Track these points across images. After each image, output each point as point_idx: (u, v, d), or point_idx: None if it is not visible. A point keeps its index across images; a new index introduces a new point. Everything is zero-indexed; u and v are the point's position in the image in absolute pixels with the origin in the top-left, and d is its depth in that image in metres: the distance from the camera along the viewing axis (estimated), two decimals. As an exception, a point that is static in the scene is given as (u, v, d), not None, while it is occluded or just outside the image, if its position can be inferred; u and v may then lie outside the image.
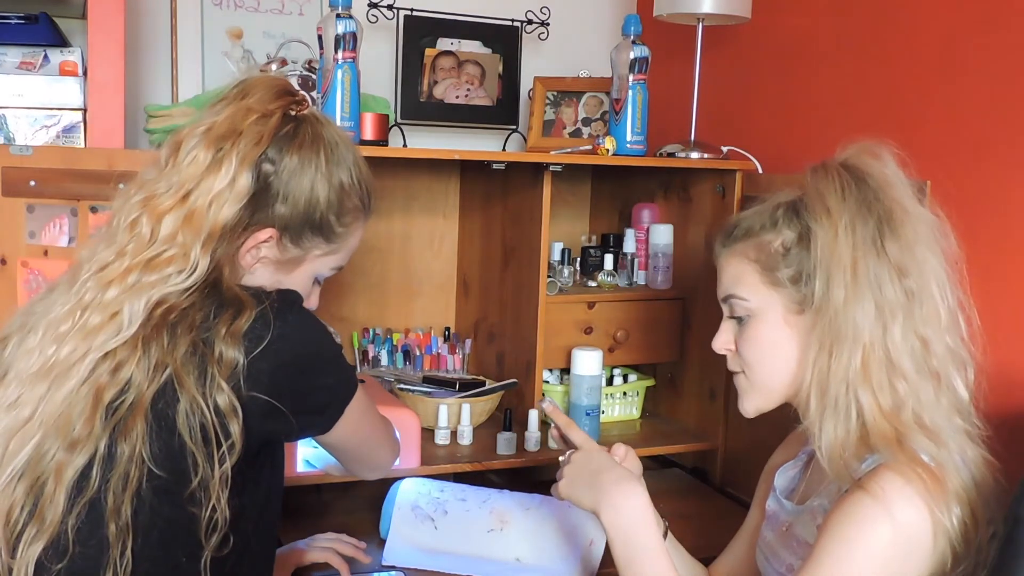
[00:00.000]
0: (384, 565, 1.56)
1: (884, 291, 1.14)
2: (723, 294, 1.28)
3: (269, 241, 1.21)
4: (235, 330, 1.09)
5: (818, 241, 1.16)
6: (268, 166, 1.19)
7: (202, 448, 1.07)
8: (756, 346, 1.24)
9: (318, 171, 1.21)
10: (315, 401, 1.20)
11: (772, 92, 2.04)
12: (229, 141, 1.15)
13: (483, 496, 1.68)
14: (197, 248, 1.13)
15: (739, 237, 1.26)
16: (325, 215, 1.23)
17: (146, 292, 1.11)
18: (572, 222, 2.37)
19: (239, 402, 1.09)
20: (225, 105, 1.19)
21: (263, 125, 1.17)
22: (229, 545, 1.10)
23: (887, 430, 1.12)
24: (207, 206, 1.14)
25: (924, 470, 1.08)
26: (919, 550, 1.08)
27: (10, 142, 1.63)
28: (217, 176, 1.14)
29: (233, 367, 1.08)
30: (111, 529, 1.06)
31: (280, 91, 1.22)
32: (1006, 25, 1.52)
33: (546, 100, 2.29)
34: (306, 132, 1.22)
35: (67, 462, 1.07)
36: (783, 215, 1.23)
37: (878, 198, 1.17)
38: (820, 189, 1.19)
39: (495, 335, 2.08)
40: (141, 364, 1.08)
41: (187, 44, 2.07)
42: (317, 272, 1.29)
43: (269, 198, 1.19)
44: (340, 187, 1.24)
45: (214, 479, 1.07)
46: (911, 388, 1.13)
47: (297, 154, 1.20)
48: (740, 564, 1.42)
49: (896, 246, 1.15)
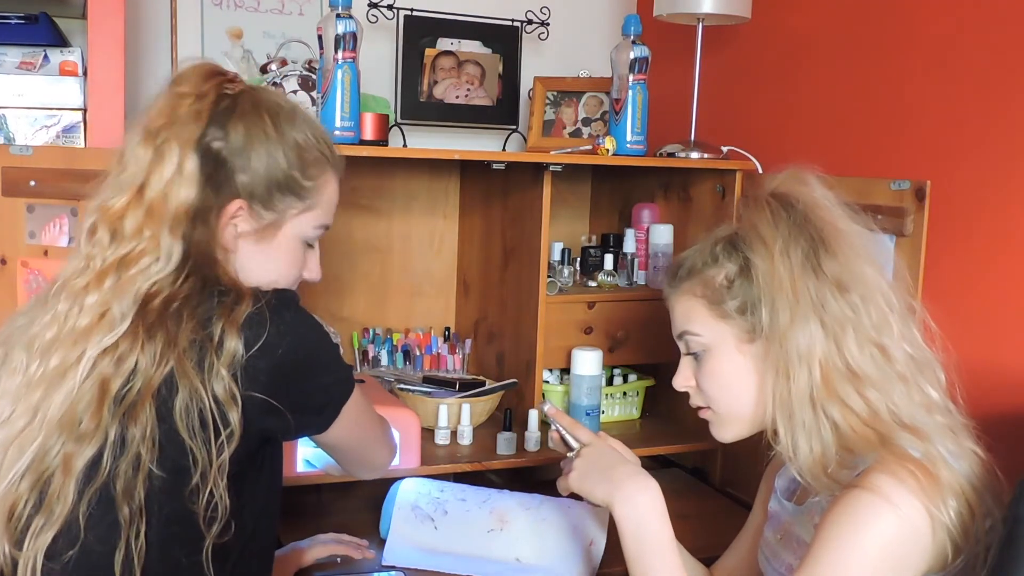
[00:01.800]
0: (384, 565, 1.56)
1: (828, 308, 1.17)
2: (677, 332, 1.32)
3: (240, 212, 1.20)
4: (234, 319, 1.10)
5: (757, 270, 1.21)
6: (217, 143, 1.19)
7: (200, 436, 1.08)
8: (715, 379, 1.27)
9: (267, 134, 1.21)
10: (313, 401, 1.21)
11: (772, 92, 2.04)
12: (167, 129, 1.16)
13: (483, 496, 1.68)
14: (165, 234, 1.14)
15: (684, 276, 1.30)
16: (288, 172, 1.22)
17: (130, 287, 1.12)
18: (572, 222, 2.37)
19: (239, 395, 1.09)
20: (157, 99, 1.20)
21: (199, 105, 1.18)
22: (231, 533, 1.11)
23: (869, 435, 1.14)
24: (163, 195, 1.15)
25: (915, 466, 1.09)
26: (920, 543, 1.08)
27: (10, 142, 1.63)
28: (163, 165, 1.15)
29: (233, 356, 1.09)
30: (124, 512, 1.07)
31: (209, 73, 1.23)
32: (1006, 25, 1.52)
33: (546, 100, 2.29)
34: (245, 103, 1.22)
35: (76, 453, 1.07)
36: (722, 249, 1.27)
37: (808, 219, 1.21)
38: (753, 220, 1.24)
39: (495, 335, 2.08)
40: (147, 350, 1.09)
41: (187, 44, 2.07)
42: (302, 234, 1.27)
43: (227, 172, 1.19)
44: (296, 144, 1.23)
45: (213, 468, 1.08)
46: (881, 393, 1.16)
47: (241, 123, 1.20)
48: (741, 564, 1.42)
49: (834, 263, 1.19)
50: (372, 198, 2.17)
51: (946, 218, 1.58)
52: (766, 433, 1.25)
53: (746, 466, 1.89)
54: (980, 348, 1.48)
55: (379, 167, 2.16)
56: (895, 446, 1.11)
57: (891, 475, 1.08)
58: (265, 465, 1.21)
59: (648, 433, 2.06)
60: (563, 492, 1.35)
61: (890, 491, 1.07)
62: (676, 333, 1.33)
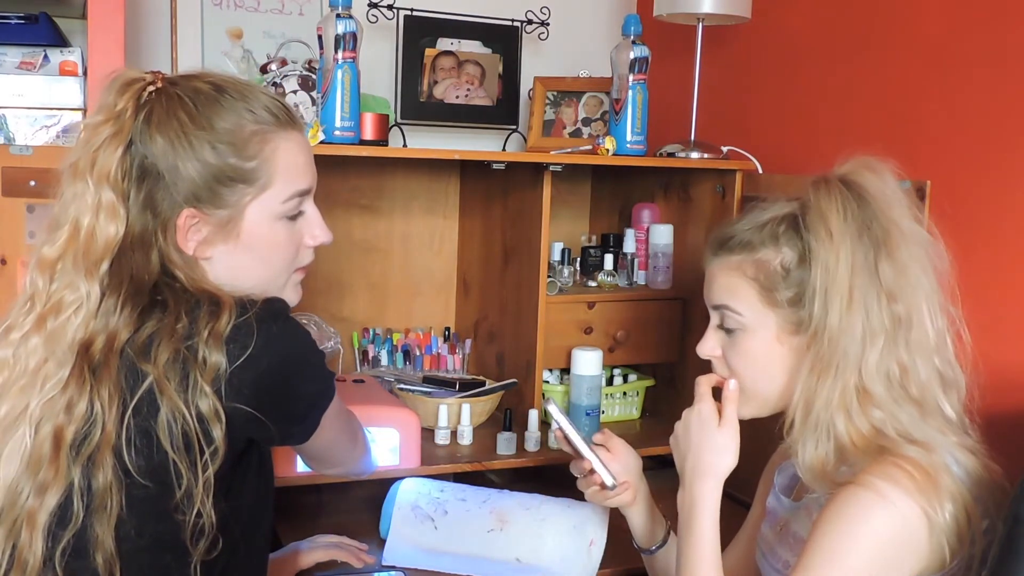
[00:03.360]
0: (384, 565, 1.56)
1: (871, 316, 1.14)
2: (715, 302, 1.26)
3: (193, 220, 1.15)
4: (216, 332, 1.07)
5: (819, 264, 1.15)
6: (142, 159, 1.14)
7: (184, 456, 1.06)
8: (746, 359, 1.23)
9: (186, 134, 1.13)
10: (296, 410, 1.18)
11: (772, 92, 2.04)
12: (85, 162, 1.12)
13: (483, 496, 1.68)
14: (80, 277, 1.10)
15: (734, 249, 1.23)
16: (222, 162, 1.14)
17: (62, 334, 1.09)
18: (572, 222, 2.37)
19: (222, 410, 1.07)
20: (82, 130, 1.17)
21: (116, 125, 1.13)
22: (217, 549, 1.09)
23: (869, 448, 1.13)
24: (91, 233, 1.11)
25: (914, 467, 1.08)
26: (915, 542, 1.08)
27: (10, 142, 1.63)
28: (84, 201, 1.11)
29: (216, 371, 1.06)
30: (98, 560, 1.05)
31: (124, 84, 1.16)
32: (1006, 24, 1.52)
33: (546, 100, 2.29)
34: (159, 108, 1.14)
35: (38, 507, 1.05)
36: (784, 231, 1.20)
37: (877, 219, 1.16)
38: (821, 207, 1.17)
39: (495, 335, 2.08)
40: (100, 393, 1.06)
41: (187, 44, 2.07)
42: (271, 214, 1.18)
43: (164, 185, 1.14)
44: (223, 130, 1.15)
45: (198, 487, 1.06)
46: (886, 414, 1.13)
47: (159, 132, 1.13)
48: (740, 563, 1.42)
49: (890, 269, 1.15)
50: (372, 198, 2.17)
51: (946, 218, 1.58)
52: (781, 421, 1.23)
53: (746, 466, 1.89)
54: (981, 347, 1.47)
55: (379, 167, 2.16)
56: (896, 452, 1.11)
57: (888, 474, 1.08)
58: (251, 472, 1.18)
59: (648, 433, 2.06)
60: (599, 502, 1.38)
61: (886, 489, 1.07)
62: (711, 303, 1.27)
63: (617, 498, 1.41)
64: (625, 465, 1.43)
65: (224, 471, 1.09)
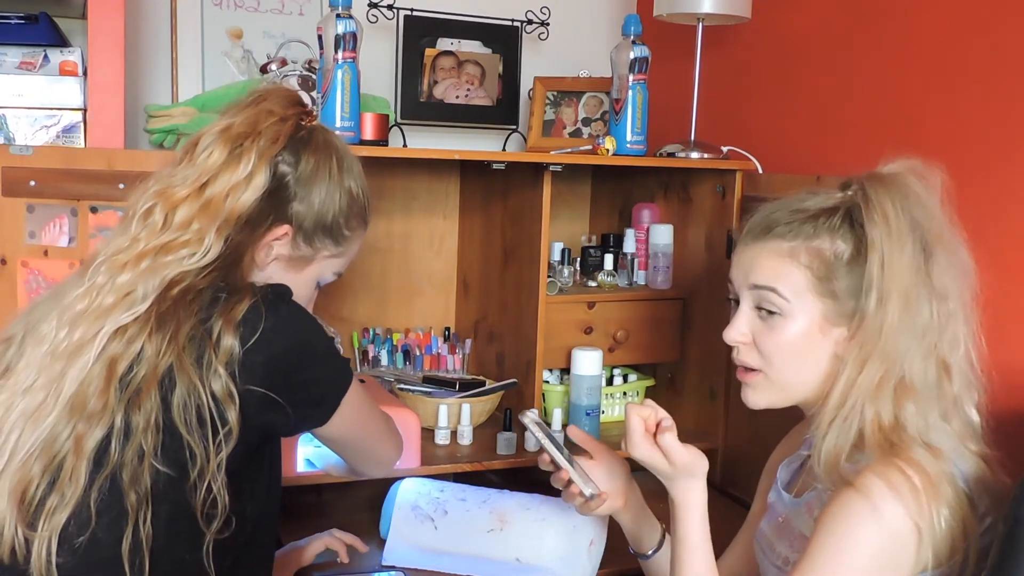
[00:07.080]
0: (384, 565, 1.56)
1: (923, 313, 1.14)
2: (759, 282, 1.22)
3: (284, 238, 1.26)
4: (232, 316, 1.12)
5: (879, 256, 1.14)
6: (285, 167, 1.25)
7: (199, 433, 1.09)
8: (784, 346, 1.21)
9: (331, 175, 1.28)
10: (311, 393, 1.22)
11: (772, 92, 2.04)
12: (248, 139, 1.21)
13: (483, 496, 1.68)
14: (212, 232, 1.17)
15: (782, 234, 1.21)
16: (336, 218, 1.29)
17: (160, 272, 1.14)
18: (572, 222, 2.37)
19: (236, 392, 1.10)
20: (242, 108, 1.26)
21: (280, 126, 1.24)
22: (230, 530, 1.12)
23: (883, 442, 1.13)
24: (223, 196, 1.19)
25: (917, 471, 1.08)
26: (907, 548, 1.08)
27: (10, 142, 1.63)
28: (235, 170, 1.20)
29: (229, 353, 1.11)
30: (131, 499, 1.08)
31: (294, 100, 1.30)
32: (1006, 24, 1.52)
33: (546, 100, 2.29)
34: (319, 139, 1.29)
35: (86, 433, 1.08)
36: (840, 221, 1.19)
37: (926, 219, 1.17)
38: (880, 199, 1.16)
39: (495, 335, 2.08)
40: (153, 338, 1.11)
41: (187, 44, 2.07)
42: (321, 275, 1.34)
43: (286, 197, 1.25)
44: (350, 193, 1.31)
45: (211, 465, 1.09)
46: (919, 410, 1.13)
47: (313, 157, 1.27)
48: (741, 561, 1.42)
49: (937, 270, 1.15)
50: (372, 198, 2.17)
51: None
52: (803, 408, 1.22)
53: (746, 466, 1.90)
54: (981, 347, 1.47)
55: (379, 167, 2.14)
56: (902, 452, 1.11)
57: (883, 477, 1.08)
58: (265, 464, 1.22)
59: (648, 433, 2.06)
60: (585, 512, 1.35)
61: (877, 497, 1.07)
62: (751, 283, 1.23)
63: (602, 507, 1.36)
64: (609, 470, 1.38)
65: (240, 458, 1.12)
